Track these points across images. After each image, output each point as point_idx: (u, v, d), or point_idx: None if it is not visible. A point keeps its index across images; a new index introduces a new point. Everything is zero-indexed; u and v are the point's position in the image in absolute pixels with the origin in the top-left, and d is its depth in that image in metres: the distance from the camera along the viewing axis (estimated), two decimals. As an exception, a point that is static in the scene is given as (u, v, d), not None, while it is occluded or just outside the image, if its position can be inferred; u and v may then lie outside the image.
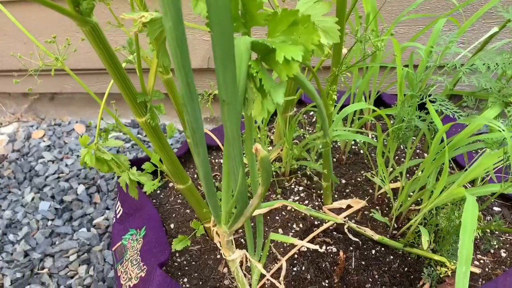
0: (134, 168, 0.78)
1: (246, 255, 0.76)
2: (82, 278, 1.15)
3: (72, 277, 1.17)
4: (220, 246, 0.69)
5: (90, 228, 1.31)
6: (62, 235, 1.30)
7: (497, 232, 0.90)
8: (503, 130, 0.65)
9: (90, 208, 1.38)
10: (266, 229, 0.99)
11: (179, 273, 0.92)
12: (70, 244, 1.25)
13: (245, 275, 0.78)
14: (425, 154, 1.13)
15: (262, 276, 0.88)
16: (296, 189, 1.07)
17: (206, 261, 0.94)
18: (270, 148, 1.14)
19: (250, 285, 0.82)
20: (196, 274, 0.92)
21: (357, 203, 0.99)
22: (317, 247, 0.77)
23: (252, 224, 1.00)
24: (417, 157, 1.12)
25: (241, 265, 0.77)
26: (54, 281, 1.16)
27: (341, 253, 0.84)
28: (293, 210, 1.03)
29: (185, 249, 0.97)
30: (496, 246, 0.86)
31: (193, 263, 0.94)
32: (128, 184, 0.77)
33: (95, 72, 1.61)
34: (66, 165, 1.58)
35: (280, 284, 0.76)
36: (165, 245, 0.93)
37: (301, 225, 0.98)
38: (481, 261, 0.85)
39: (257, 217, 0.75)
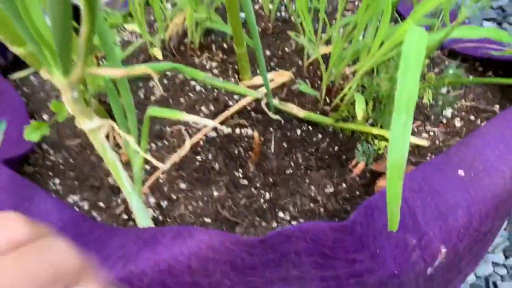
0: None
1: (113, 127, 0.55)
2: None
3: None
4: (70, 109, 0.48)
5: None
6: None
7: (450, 99, 0.72)
8: None
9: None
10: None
11: (50, 173, 0.71)
12: None
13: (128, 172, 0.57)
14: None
15: (152, 170, 0.69)
16: (208, 66, 0.85)
17: (88, 158, 0.72)
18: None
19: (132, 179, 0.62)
20: (72, 173, 0.70)
21: (281, 76, 0.78)
22: (223, 127, 0.57)
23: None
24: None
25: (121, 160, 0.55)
26: None
27: (255, 134, 0.65)
28: (203, 90, 0.81)
29: (62, 145, 0.75)
30: (450, 115, 0.69)
31: (71, 160, 0.73)
32: None
33: None
34: None
35: (164, 164, 0.57)
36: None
37: (212, 107, 0.77)
38: (431, 133, 0.68)
39: (120, 84, 0.52)
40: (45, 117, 0.79)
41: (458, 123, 0.69)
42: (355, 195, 0.59)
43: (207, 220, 0.60)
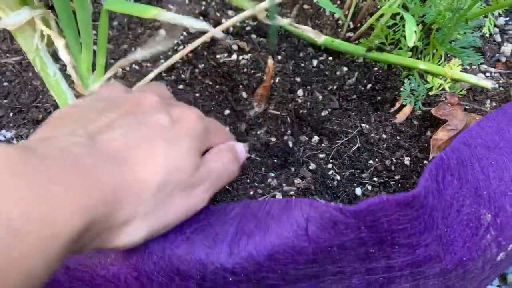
0: None
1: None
2: None
3: None
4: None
5: None
6: None
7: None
8: None
9: None
10: (140, 30, 0.58)
11: (-26, 100, 0.52)
12: None
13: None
14: None
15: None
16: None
17: (29, 81, 0.53)
18: None
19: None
20: (6, 101, 0.52)
21: (293, -11, 0.60)
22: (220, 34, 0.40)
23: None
24: None
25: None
26: None
27: (269, 60, 0.47)
28: (186, 1, 0.61)
29: (-6, 62, 0.55)
30: (510, 52, 0.54)
31: (5, 84, 0.53)
32: None
33: None
34: None
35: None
36: None
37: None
38: (487, 74, 0.53)
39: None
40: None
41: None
42: (401, 148, 0.44)
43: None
